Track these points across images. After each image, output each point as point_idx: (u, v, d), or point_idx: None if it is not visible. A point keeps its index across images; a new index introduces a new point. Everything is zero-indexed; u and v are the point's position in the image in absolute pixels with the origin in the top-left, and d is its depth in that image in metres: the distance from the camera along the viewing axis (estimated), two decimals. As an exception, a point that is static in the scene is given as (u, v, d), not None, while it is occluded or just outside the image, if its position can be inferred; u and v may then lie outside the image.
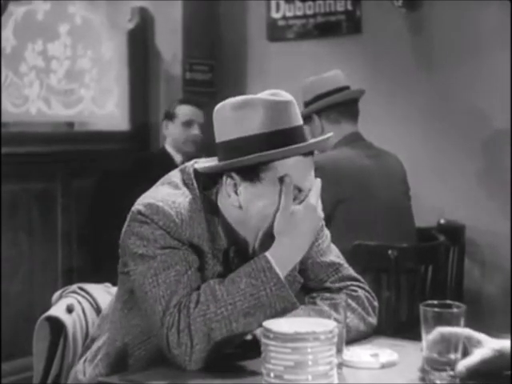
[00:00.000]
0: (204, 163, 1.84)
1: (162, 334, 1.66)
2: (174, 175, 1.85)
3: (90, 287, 2.15)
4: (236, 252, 1.80)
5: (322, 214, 1.79)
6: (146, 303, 1.71)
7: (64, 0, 4.65)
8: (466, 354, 1.56)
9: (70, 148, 4.36)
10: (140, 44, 4.78)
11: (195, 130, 4.22)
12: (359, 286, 1.93)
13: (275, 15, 4.72)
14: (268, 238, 1.75)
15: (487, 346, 1.55)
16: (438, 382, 1.54)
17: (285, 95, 1.76)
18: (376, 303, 1.94)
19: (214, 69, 4.90)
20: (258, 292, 1.66)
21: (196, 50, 4.80)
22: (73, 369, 1.95)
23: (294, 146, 1.70)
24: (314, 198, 1.76)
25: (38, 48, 4.52)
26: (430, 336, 1.54)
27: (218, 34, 4.93)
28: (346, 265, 1.99)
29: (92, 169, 4.44)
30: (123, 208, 4.40)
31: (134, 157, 4.36)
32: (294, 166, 1.73)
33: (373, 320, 1.92)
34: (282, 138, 1.70)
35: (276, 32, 4.73)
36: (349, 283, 1.93)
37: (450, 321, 1.54)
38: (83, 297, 2.11)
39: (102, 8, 4.74)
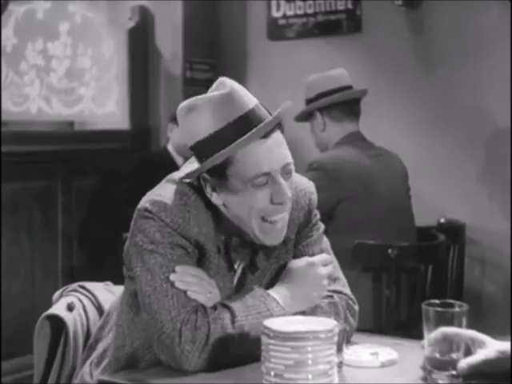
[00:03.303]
0: (187, 167, 1.83)
1: (173, 328, 1.65)
2: (177, 174, 1.83)
3: (91, 285, 2.15)
4: (237, 242, 1.80)
5: (325, 279, 1.81)
6: (150, 298, 1.69)
7: (64, -1, 4.65)
8: (469, 355, 1.55)
9: (71, 147, 4.36)
10: (140, 43, 4.78)
11: None
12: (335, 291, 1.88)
13: (276, 14, 4.72)
14: (265, 224, 1.74)
15: (491, 347, 1.55)
16: (440, 381, 1.54)
17: (228, 84, 1.73)
18: (356, 307, 1.91)
19: (215, 68, 4.90)
20: (264, 312, 1.70)
21: (196, 48, 4.80)
22: (80, 371, 1.94)
23: (246, 137, 1.68)
24: (318, 260, 1.81)
25: (39, 47, 4.52)
26: (432, 335, 1.54)
27: (218, 33, 4.93)
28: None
29: (92, 168, 4.45)
30: (123, 207, 4.42)
31: (138, 157, 4.34)
32: (254, 152, 1.70)
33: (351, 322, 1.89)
34: (238, 129, 1.69)
35: (276, 31, 4.73)
36: None
37: (452, 320, 1.53)
38: (84, 295, 2.10)
39: (103, 7, 4.75)
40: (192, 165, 1.81)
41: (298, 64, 4.53)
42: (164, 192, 1.77)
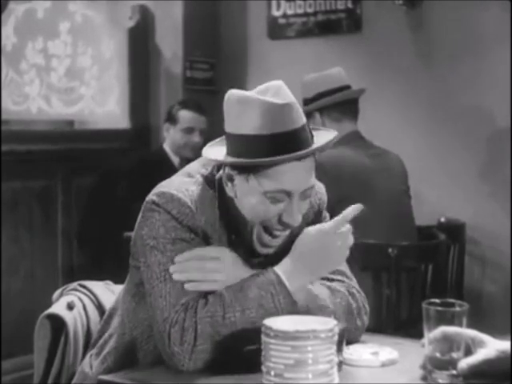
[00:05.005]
0: (213, 147, 1.82)
1: (164, 329, 1.64)
2: (192, 165, 1.85)
3: (91, 284, 2.15)
4: (238, 240, 1.79)
5: (341, 249, 1.79)
6: (150, 297, 1.70)
7: (64, -2, 4.65)
8: (469, 354, 1.55)
9: (71, 146, 4.36)
10: (140, 42, 4.78)
11: (195, 137, 4.17)
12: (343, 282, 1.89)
13: (276, 13, 4.72)
14: (265, 235, 1.75)
15: (491, 347, 1.55)
16: (440, 381, 1.54)
17: (285, 95, 1.71)
18: (366, 305, 1.90)
19: (215, 67, 4.90)
20: (268, 304, 1.67)
21: (196, 48, 4.80)
22: (80, 363, 1.95)
23: (286, 156, 1.67)
24: (329, 227, 1.76)
25: (39, 46, 4.52)
26: (432, 335, 1.54)
27: (218, 32, 4.93)
28: None
29: (92, 167, 4.45)
30: (123, 206, 4.42)
31: (138, 156, 4.34)
32: (283, 170, 1.70)
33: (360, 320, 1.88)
34: (278, 144, 1.67)
35: (276, 30, 4.73)
36: (334, 277, 1.88)
37: (453, 320, 1.53)
38: (84, 294, 2.10)
39: (103, 6, 4.74)
40: (218, 148, 1.80)
41: (298, 63, 4.53)
42: (171, 183, 1.78)
